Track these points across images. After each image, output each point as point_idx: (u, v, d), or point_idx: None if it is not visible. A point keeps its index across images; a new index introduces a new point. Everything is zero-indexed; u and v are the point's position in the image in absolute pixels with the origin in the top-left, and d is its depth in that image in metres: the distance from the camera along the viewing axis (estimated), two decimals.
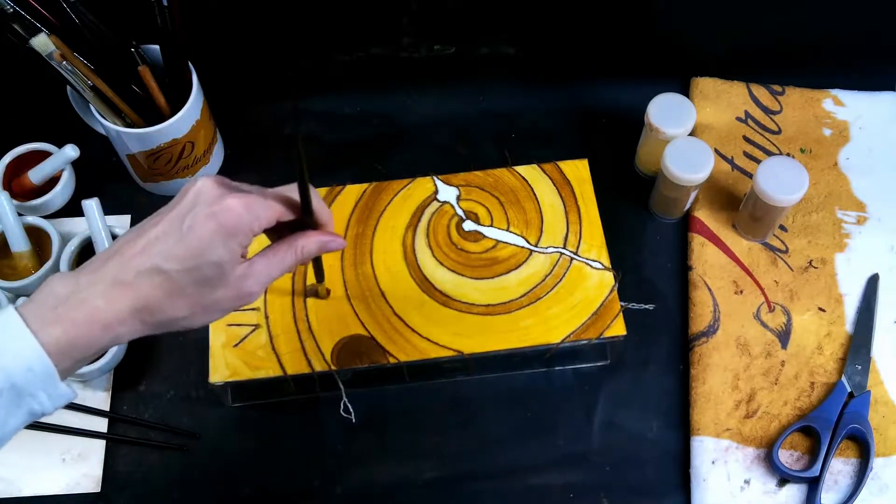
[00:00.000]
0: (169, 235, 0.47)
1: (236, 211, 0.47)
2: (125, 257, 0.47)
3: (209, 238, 0.47)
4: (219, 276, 0.48)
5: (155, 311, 0.47)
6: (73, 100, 0.75)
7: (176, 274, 0.47)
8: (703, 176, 0.71)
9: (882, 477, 0.66)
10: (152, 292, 0.47)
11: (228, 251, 0.47)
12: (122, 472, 0.68)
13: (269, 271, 0.51)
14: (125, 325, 0.47)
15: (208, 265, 0.47)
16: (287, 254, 0.52)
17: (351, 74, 0.84)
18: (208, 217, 0.47)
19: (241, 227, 0.47)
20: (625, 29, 0.80)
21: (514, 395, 0.70)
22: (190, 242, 0.47)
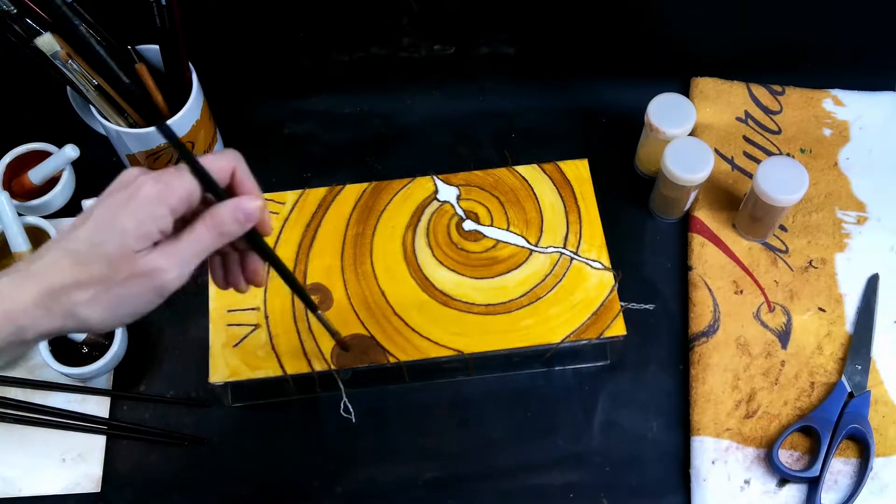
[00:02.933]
0: (83, 221, 0.46)
1: (148, 185, 0.46)
2: (40, 250, 0.46)
3: (118, 212, 0.45)
4: (121, 250, 0.45)
5: (59, 294, 0.45)
6: (73, 100, 0.75)
7: (81, 254, 0.45)
8: (703, 176, 0.71)
9: (882, 477, 0.66)
10: (57, 275, 0.45)
11: (136, 223, 0.45)
12: (122, 472, 0.68)
13: (179, 250, 0.47)
14: (28, 313, 0.45)
15: (113, 237, 0.45)
16: (200, 229, 0.47)
17: (351, 74, 0.84)
18: (122, 198, 0.46)
19: (152, 198, 0.45)
20: (625, 29, 0.80)
21: (514, 395, 0.70)
22: (98, 220, 0.46)
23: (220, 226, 0.48)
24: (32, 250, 0.73)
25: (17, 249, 0.73)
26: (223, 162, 0.49)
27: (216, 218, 0.48)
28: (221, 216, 0.48)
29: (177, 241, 0.47)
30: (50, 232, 0.73)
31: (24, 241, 0.73)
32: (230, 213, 0.48)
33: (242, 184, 0.50)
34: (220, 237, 0.48)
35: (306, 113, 0.85)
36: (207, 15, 0.76)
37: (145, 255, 0.46)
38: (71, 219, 0.78)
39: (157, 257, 0.46)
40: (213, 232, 0.48)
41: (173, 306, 0.74)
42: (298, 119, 0.84)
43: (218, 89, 0.78)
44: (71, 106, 0.76)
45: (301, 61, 0.83)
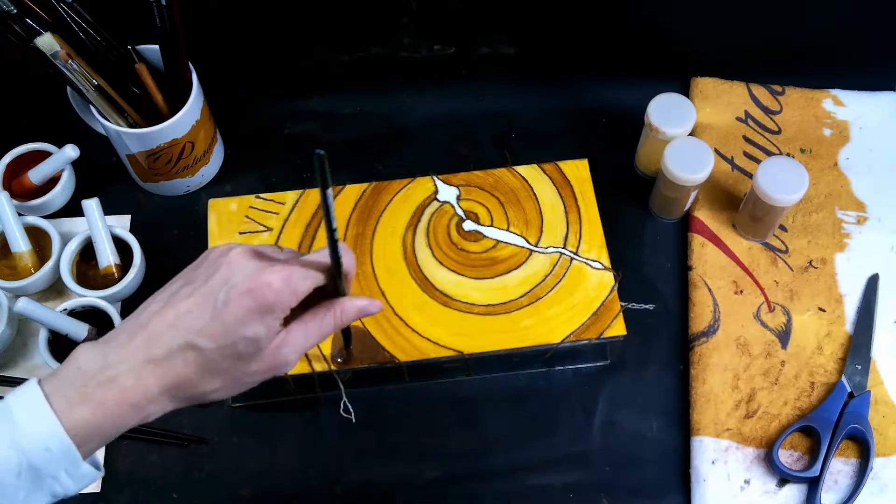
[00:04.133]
0: (202, 310, 0.45)
1: (275, 286, 0.45)
2: (155, 332, 0.45)
3: (245, 315, 0.44)
4: (254, 351, 0.46)
5: (186, 388, 0.46)
6: (73, 100, 0.75)
7: (209, 351, 0.45)
8: (703, 176, 0.71)
9: (882, 477, 0.66)
10: (185, 370, 0.45)
11: (265, 327, 0.45)
12: (123, 472, 0.68)
13: (306, 341, 0.48)
14: (155, 403, 0.45)
15: (244, 342, 0.45)
16: (325, 320, 0.49)
17: (351, 74, 0.84)
18: (244, 294, 0.44)
19: (279, 303, 0.45)
20: (625, 29, 0.80)
21: (514, 395, 0.70)
22: (225, 319, 0.44)
23: (346, 320, 0.50)
24: (33, 250, 0.73)
25: (16, 249, 0.73)
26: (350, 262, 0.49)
27: (345, 315, 0.49)
28: (349, 313, 0.50)
29: (305, 331, 0.48)
30: (50, 232, 0.73)
31: (24, 242, 0.73)
32: (355, 313, 0.50)
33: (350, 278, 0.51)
34: (340, 327, 0.50)
35: (306, 113, 0.85)
36: (207, 15, 0.76)
37: (275, 350, 0.46)
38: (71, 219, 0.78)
39: (287, 349, 0.47)
40: (337, 323, 0.49)
41: None
42: (298, 119, 0.84)
43: (218, 89, 0.78)
44: (71, 106, 0.76)
45: (301, 61, 0.83)
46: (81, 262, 0.74)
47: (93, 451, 0.45)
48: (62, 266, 0.72)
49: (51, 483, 0.44)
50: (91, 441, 0.44)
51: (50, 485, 0.44)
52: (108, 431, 0.45)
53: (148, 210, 0.79)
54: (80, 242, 0.73)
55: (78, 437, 0.43)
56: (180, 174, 0.77)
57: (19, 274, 0.73)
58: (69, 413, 0.43)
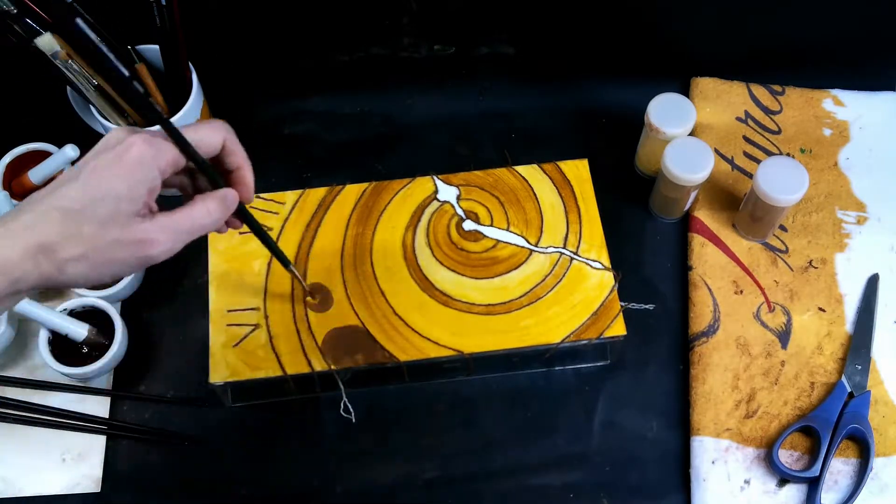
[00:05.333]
0: (72, 179, 0.46)
1: (138, 146, 0.46)
2: (27, 204, 0.46)
3: (109, 176, 0.46)
4: (114, 212, 0.46)
5: (48, 249, 0.45)
6: (73, 100, 0.75)
7: (71, 211, 0.45)
8: (703, 176, 0.71)
9: (882, 477, 0.66)
10: (46, 230, 0.45)
11: (128, 187, 0.46)
12: (122, 472, 0.68)
13: (175, 225, 0.48)
14: (20, 266, 0.45)
15: (104, 200, 0.45)
16: (200, 209, 0.49)
17: (351, 74, 0.84)
18: (112, 158, 0.46)
19: (143, 161, 0.46)
20: (625, 29, 0.80)
21: (514, 395, 0.70)
22: (89, 180, 0.46)
23: (225, 210, 0.50)
24: None
25: None
26: (215, 135, 0.50)
27: (224, 202, 0.50)
28: (227, 200, 0.50)
29: (173, 215, 0.48)
30: None
31: None
32: (233, 199, 0.51)
33: (233, 154, 0.51)
34: (219, 222, 0.50)
35: (306, 113, 0.85)
36: (207, 15, 0.76)
37: (139, 223, 0.47)
38: None
39: (151, 228, 0.47)
40: (215, 216, 0.50)
41: (173, 306, 0.74)
42: (298, 119, 0.84)
43: (218, 89, 0.78)
44: (71, 106, 0.76)
45: (301, 61, 0.83)
46: None
47: None
48: None
49: None
50: None
51: None
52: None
53: None
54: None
55: None
56: None
57: None
58: None
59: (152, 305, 0.74)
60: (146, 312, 0.74)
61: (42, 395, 0.70)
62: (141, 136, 0.47)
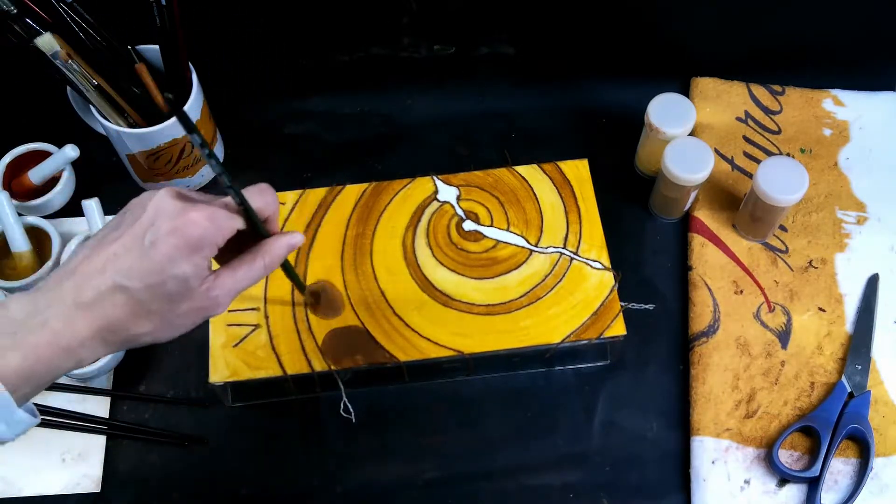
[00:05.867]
0: (130, 252, 0.45)
1: (200, 224, 0.46)
2: (84, 276, 0.45)
3: (172, 253, 0.45)
4: (184, 290, 0.46)
5: (118, 331, 0.46)
6: (73, 100, 0.75)
7: (138, 292, 0.45)
8: (703, 176, 0.71)
9: (882, 477, 0.66)
10: (114, 312, 0.45)
11: (193, 266, 0.46)
12: (122, 472, 0.68)
13: (235, 282, 0.49)
14: (87, 347, 0.45)
15: (173, 280, 0.45)
16: (255, 261, 0.50)
17: (351, 74, 0.84)
18: (171, 232, 0.45)
19: (205, 240, 0.46)
20: (625, 29, 0.80)
21: (514, 395, 0.70)
22: (153, 258, 0.45)
23: (274, 260, 0.51)
24: (33, 250, 0.73)
25: (17, 249, 0.73)
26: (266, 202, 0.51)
27: (273, 254, 0.51)
28: (277, 252, 0.51)
29: (233, 275, 0.49)
30: (50, 232, 0.73)
31: (24, 242, 0.73)
32: (284, 248, 0.51)
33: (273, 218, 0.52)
34: (271, 269, 0.51)
35: (306, 113, 0.85)
36: (207, 15, 0.76)
37: (205, 292, 0.47)
38: (71, 219, 0.78)
39: (217, 294, 0.48)
40: (268, 265, 0.51)
41: None
42: (298, 119, 0.84)
43: (218, 89, 0.78)
44: (71, 106, 0.76)
45: (301, 61, 0.83)
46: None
47: (28, 396, 0.45)
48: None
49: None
50: (24, 386, 0.44)
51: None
52: (41, 376, 0.45)
53: None
54: (79, 242, 0.73)
55: (10, 384, 0.43)
56: (180, 174, 0.77)
57: (19, 274, 0.73)
58: (1, 360, 0.43)
59: None
60: None
61: (42, 395, 0.69)
62: (203, 213, 0.46)
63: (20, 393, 0.44)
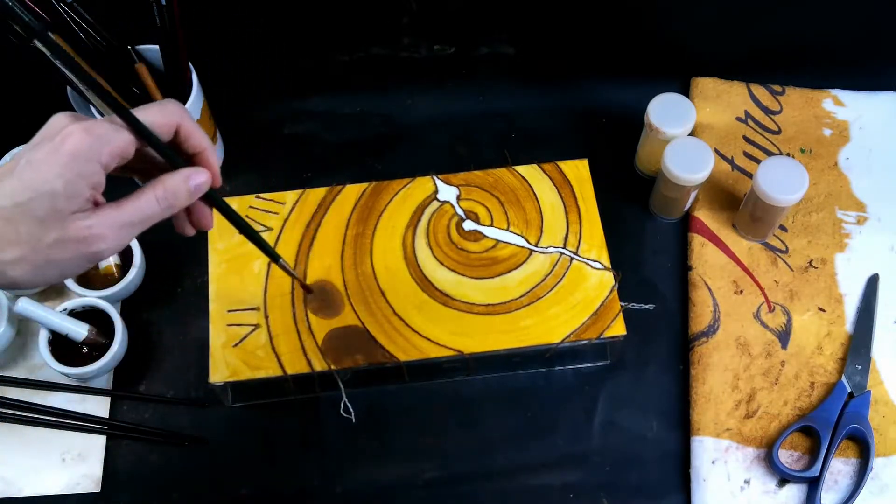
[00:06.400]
0: (7, 174, 0.42)
1: (75, 136, 0.42)
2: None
3: (45, 170, 0.41)
4: (50, 212, 0.42)
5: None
6: (73, 100, 0.75)
7: (7, 212, 0.42)
8: (703, 176, 0.71)
9: (882, 477, 0.66)
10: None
11: (65, 182, 0.42)
12: (122, 472, 0.68)
13: (119, 215, 0.44)
14: None
15: (41, 197, 0.42)
16: (146, 195, 0.45)
17: (351, 74, 0.84)
18: (48, 151, 0.42)
19: (80, 153, 0.42)
20: (625, 29, 0.80)
21: (514, 395, 0.70)
22: (23, 175, 0.42)
23: (172, 198, 0.46)
24: None
25: None
26: (165, 118, 0.46)
27: (168, 189, 0.45)
28: (175, 188, 0.46)
29: (118, 207, 0.45)
30: None
31: None
32: (182, 185, 0.46)
33: (190, 137, 0.47)
34: (169, 209, 0.46)
35: (306, 113, 0.85)
36: (207, 15, 0.76)
37: (80, 220, 0.43)
38: None
39: (94, 224, 0.43)
40: (164, 204, 0.46)
41: (173, 306, 0.74)
42: (298, 119, 0.84)
43: (218, 89, 0.78)
44: (71, 106, 0.76)
45: (301, 61, 0.83)
46: None
47: None
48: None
49: None
50: None
51: None
52: None
53: None
54: None
55: None
56: None
57: None
58: None
59: (152, 305, 0.74)
60: (146, 312, 0.74)
61: (42, 395, 0.70)
62: (80, 125, 0.42)
63: None
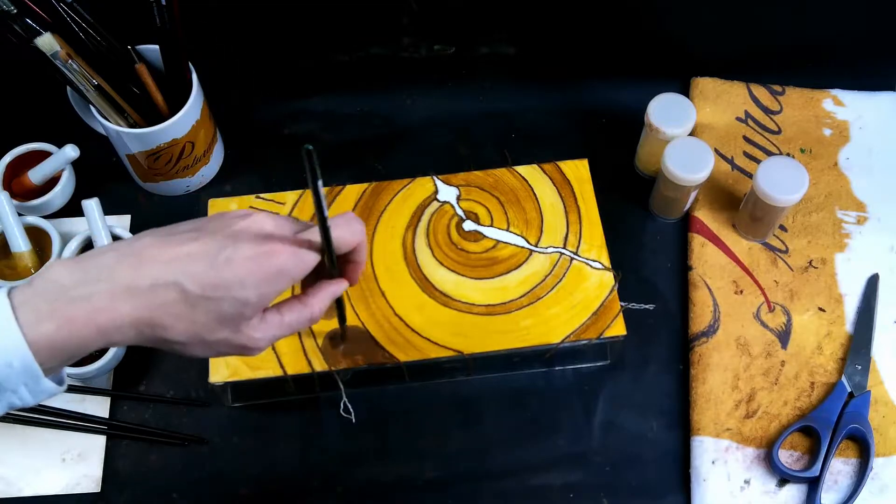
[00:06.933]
0: (203, 258, 0.43)
1: (284, 257, 0.44)
2: (147, 261, 0.43)
3: (245, 277, 0.43)
4: (235, 316, 0.44)
5: (156, 328, 0.44)
6: (73, 100, 0.75)
7: (194, 298, 0.43)
8: (703, 176, 0.71)
9: (882, 477, 0.66)
10: (162, 308, 0.43)
11: (259, 295, 0.44)
12: (122, 472, 0.68)
13: (279, 330, 0.47)
14: (122, 332, 0.43)
15: (231, 302, 0.43)
16: (302, 313, 0.48)
17: (351, 74, 0.84)
18: (251, 257, 0.43)
19: (284, 273, 0.44)
20: (625, 29, 0.80)
21: (514, 395, 0.70)
22: (222, 274, 0.43)
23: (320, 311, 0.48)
24: (33, 250, 0.73)
25: (16, 249, 0.73)
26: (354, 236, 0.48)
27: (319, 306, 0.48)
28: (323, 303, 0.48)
29: (283, 317, 0.47)
30: (50, 232, 0.73)
31: (24, 242, 0.73)
32: (329, 299, 0.49)
33: (360, 253, 0.50)
34: (314, 322, 0.49)
35: (306, 113, 0.85)
36: (207, 15, 0.76)
37: (250, 329, 0.45)
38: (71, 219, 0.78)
39: (261, 337, 0.46)
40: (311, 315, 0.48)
41: None
42: (298, 119, 0.84)
43: (218, 89, 0.78)
44: (71, 106, 0.76)
45: (301, 61, 0.83)
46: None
47: (56, 368, 0.43)
48: None
49: (9, 395, 0.42)
50: (54, 358, 0.42)
51: (8, 397, 0.42)
52: (70, 350, 0.42)
53: (148, 210, 0.79)
54: (80, 242, 0.73)
55: (41, 354, 0.41)
56: (180, 174, 0.77)
57: (19, 274, 0.73)
58: (36, 327, 0.41)
59: None
60: None
61: None
62: (290, 247, 0.44)
63: (48, 364, 0.42)
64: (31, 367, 0.41)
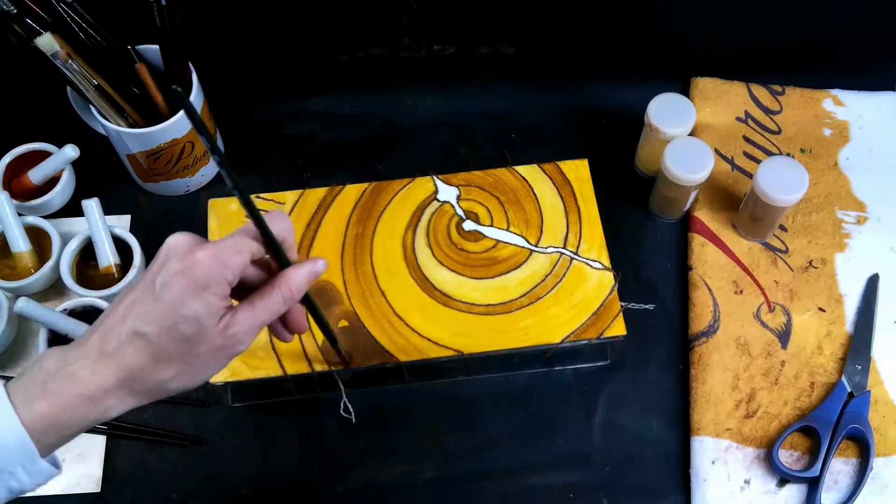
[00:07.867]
0: (146, 297, 0.46)
1: (204, 262, 0.46)
2: (107, 327, 0.46)
3: (182, 294, 0.45)
4: (198, 331, 0.46)
5: (142, 378, 0.46)
6: (73, 100, 0.75)
7: (156, 336, 0.45)
8: (703, 176, 0.71)
9: (882, 477, 0.66)
10: (135, 358, 0.46)
11: (204, 304, 0.46)
12: (122, 472, 0.68)
13: (254, 318, 0.48)
14: (112, 395, 0.46)
15: (185, 322, 0.45)
16: (272, 294, 0.49)
17: (351, 74, 0.84)
18: (178, 272, 0.45)
19: (210, 278, 0.46)
20: (625, 29, 0.80)
21: (514, 395, 0.70)
22: (164, 300, 0.45)
23: (294, 290, 0.50)
24: (33, 250, 0.73)
25: (16, 249, 0.73)
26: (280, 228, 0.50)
27: (292, 284, 0.50)
28: (297, 282, 0.50)
29: (252, 310, 0.48)
30: (50, 232, 0.73)
31: (24, 242, 0.73)
32: (304, 277, 0.50)
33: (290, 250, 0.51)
34: (290, 301, 0.50)
35: (306, 113, 0.85)
36: (207, 15, 0.76)
37: (223, 330, 0.47)
38: (71, 219, 0.78)
39: (235, 331, 0.47)
40: (288, 298, 0.50)
41: None
42: (298, 119, 0.84)
43: (218, 89, 0.78)
44: (71, 106, 0.76)
45: (301, 61, 0.83)
46: (81, 262, 0.74)
47: (52, 447, 0.46)
48: (62, 266, 0.72)
49: (7, 478, 0.45)
50: (48, 435, 0.45)
51: (6, 480, 0.45)
52: (66, 425, 0.45)
53: (148, 210, 0.79)
54: (80, 242, 0.73)
55: (35, 431, 0.44)
56: (180, 174, 0.77)
57: (19, 274, 0.73)
58: (28, 406, 0.44)
59: None
60: None
61: None
62: (207, 252, 0.46)
63: (44, 442, 0.45)
64: (26, 446, 0.44)
